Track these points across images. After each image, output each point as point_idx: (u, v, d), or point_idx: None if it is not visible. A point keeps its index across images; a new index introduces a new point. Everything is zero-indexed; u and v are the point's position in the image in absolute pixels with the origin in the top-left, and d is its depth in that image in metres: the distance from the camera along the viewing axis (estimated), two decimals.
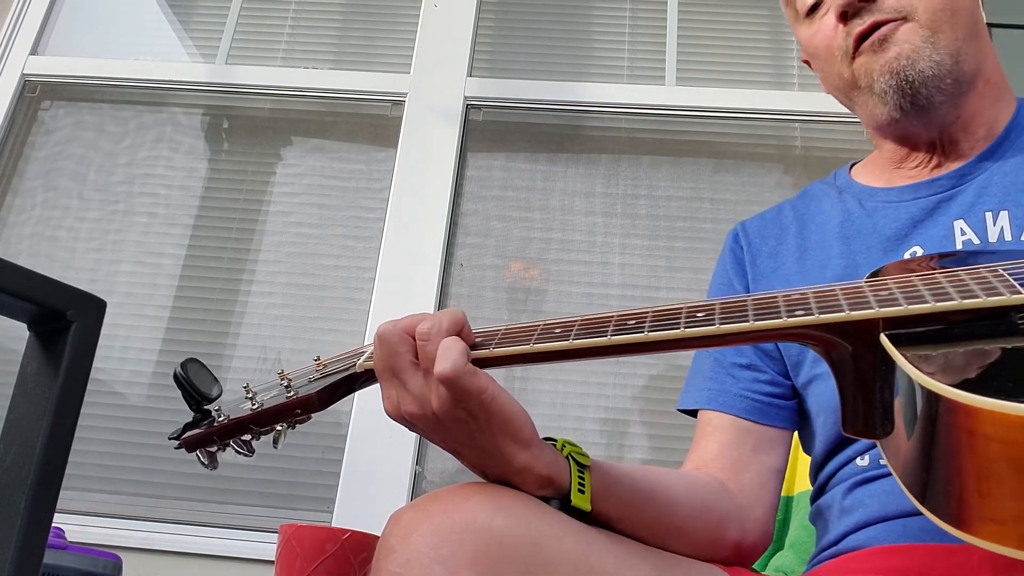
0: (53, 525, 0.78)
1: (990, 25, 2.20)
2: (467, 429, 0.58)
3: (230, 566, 1.85)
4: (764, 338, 0.55)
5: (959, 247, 0.76)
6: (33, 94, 2.37)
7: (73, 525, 1.77)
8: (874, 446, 0.75)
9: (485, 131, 2.26)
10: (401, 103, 2.26)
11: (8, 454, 0.75)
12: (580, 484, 0.61)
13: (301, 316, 2.10)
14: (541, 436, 0.62)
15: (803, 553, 1.17)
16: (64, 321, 0.78)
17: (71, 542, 1.56)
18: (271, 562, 1.49)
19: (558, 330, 0.59)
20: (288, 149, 2.30)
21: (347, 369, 0.65)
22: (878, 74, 0.79)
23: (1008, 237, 0.74)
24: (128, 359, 2.08)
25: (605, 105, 2.24)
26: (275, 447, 0.67)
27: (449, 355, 0.55)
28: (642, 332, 0.56)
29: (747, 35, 2.31)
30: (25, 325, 0.81)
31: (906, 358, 0.48)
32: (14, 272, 0.76)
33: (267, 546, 1.80)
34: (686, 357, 0.95)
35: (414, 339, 0.58)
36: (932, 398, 0.45)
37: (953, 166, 0.81)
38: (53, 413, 0.76)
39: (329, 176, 2.25)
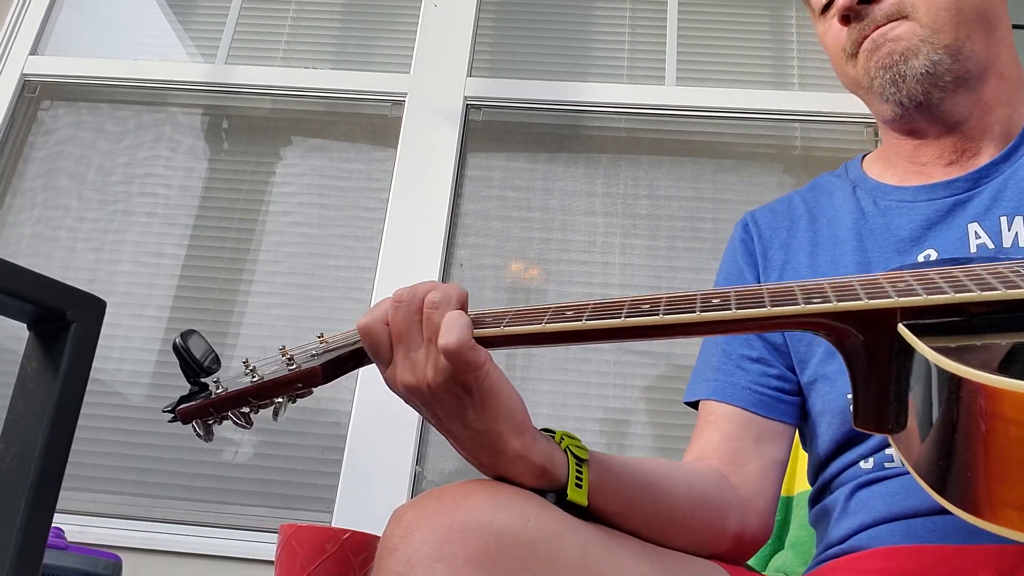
0: (53, 525, 0.77)
1: None
2: (461, 404, 0.57)
3: (230, 566, 1.85)
4: (780, 326, 0.55)
5: (973, 251, 0.75)
6: (33, 94, 2.37)
7: (73, 525, 1.77)
8: (880, 449, 0.75)
9: (485, 131, 2.26)
10: (401, 103, 2.26)
11: (8, 454, 0.75)
12: (578, 478, 0.60)
13: (301, 316, 2.10)
14: (540, 428, 0.62)
15: (804, 553, 1.17)
16: (64, 321, 0.78)
17: (71, 542, 1.55)
18: (271, 562, 1.49)
19: (570, 312, 0.59)
20: (288, 149, 2.30)
21: (353, 343, 0.64)
22: (874, 71, 0.80)
23: (1023, 243, 0.74)
24: (128, 359, 2.08)
25: (605, 105, 2.24)
26: (275, 419, 0.66)
27: (454, 327, 0.56)
28: (657, 315, 0.55)
29: (747, 35, 2.31)
30: (25, 325, 0.81)
31: (926, 345, 0.48)
32: (14, 272, 0.76)
33: (267, 546, 1.80)
34: (688, 357, 0.94)
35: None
36: (953, 382, 0.45)
37: (969, 165, 0.81)
38: (53, 413, 0.76)
39: (329, 176, 2.25)
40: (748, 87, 2.24)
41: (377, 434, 1.92)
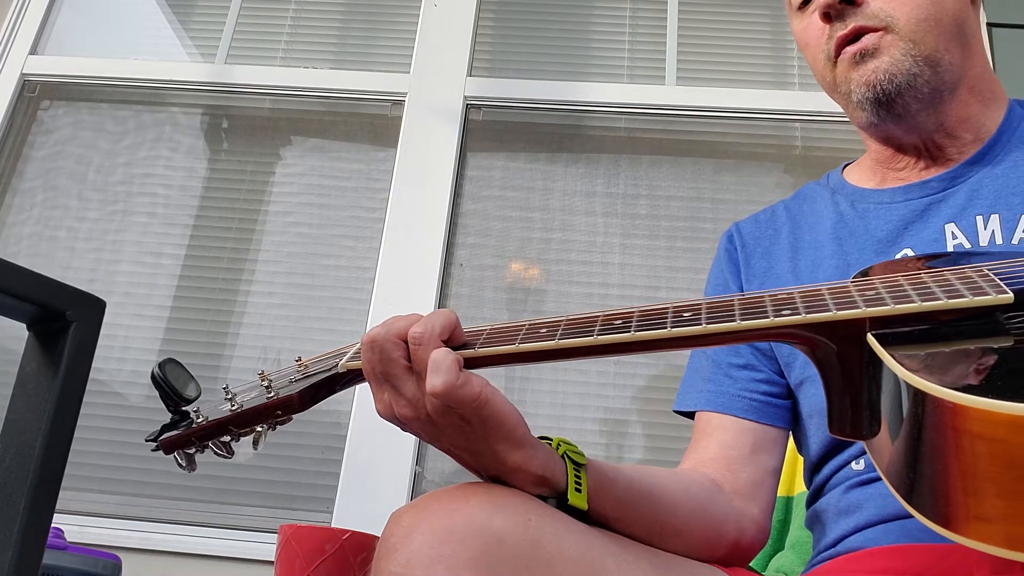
0: (52, 525, 0.77)
1: (990, 25, 2.19)
2: (461, 433, 0.58)
3: (229, 566, 1.85)
4: (750, 338, 0.55)
5: (950, 250, 0.76)
6: (32, 94, 2.37)
7: (72, 525, 1.77)
8: None
9: (485, 131, 2.26)
10: (401, 103, 2.26)
11: (7, 454, 0.75)
12: (576, 483, 0.61)
13: (301, 316, 2.10)
14: (538, 435, 0.62)
15: (804, 554, 1.17)
16: (63, 321, 0.78)
17: (70, 542, 1.55)
18: (271, 562, 1.49)
19: (544, 330, 0.59)
20: (288, 149, 2.30)
21: (329, 370, 0.64)
22: (855, 85, 0.80)
23: (999, 240, 0.74)
24: (127, 359, 2.08)
25: (605, 105, 2.24)
26: (255, 448, 0.66)
27: (439, 370, 0.55)
28: (628, 332, 0.55)
29: (747, 35, 2.31)
30: (24, 325, 0.81)
31: (893, 357, 0.48)
32: (13, 272, 0.76)
33: (267, 546, 1.80)
34: (686, 357, 0.95)
35: (406, 343, 0.58)
36: (919, 396, 0.45)
37: (943, 169, 0.82)
38: (52, 413, 0.76)
39: (329, 176, 2.25)
40: (748, 87, 2.24)
41: (377, 434, 1.92)
